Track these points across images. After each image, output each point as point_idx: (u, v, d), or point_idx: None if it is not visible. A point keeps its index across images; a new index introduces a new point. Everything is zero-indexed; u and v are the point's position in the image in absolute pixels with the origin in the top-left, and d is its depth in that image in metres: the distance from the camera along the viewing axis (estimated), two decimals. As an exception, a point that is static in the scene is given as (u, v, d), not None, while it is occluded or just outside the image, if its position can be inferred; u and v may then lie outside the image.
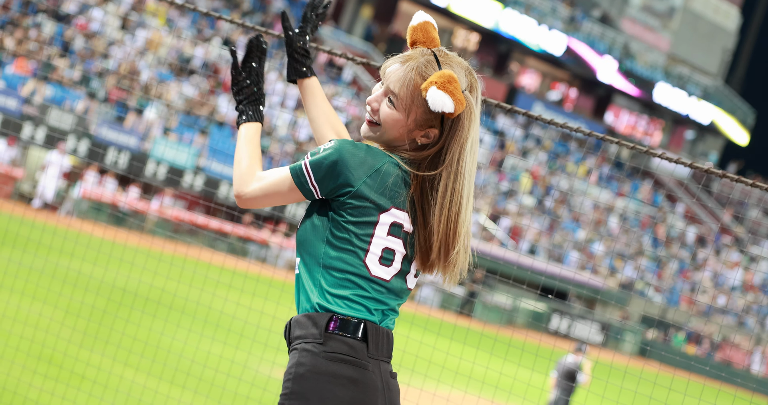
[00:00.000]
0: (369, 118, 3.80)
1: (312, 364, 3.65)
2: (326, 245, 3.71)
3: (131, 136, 31.82)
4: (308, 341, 3.68)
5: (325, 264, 3.71)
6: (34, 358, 11.25)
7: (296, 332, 3.72)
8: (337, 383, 3.64)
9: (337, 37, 47.95)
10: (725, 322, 47.23)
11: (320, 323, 3.69)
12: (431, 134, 3.77)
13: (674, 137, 64.43)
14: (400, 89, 3.74)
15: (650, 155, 6.17)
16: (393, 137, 3.77)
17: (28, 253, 15.64)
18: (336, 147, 3.69)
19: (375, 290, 3.73)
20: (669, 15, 63.25)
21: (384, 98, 3.77)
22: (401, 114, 3.73)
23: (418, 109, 3.73)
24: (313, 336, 3.68)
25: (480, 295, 36.53)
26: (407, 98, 3.73)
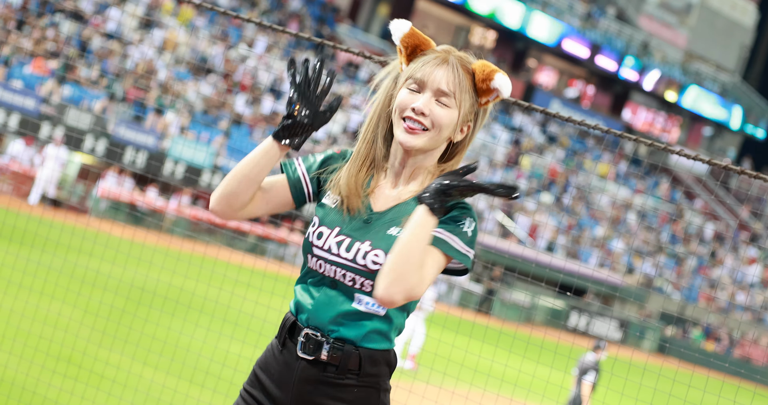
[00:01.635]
0: (416, 127, 3.70)
1: (385, 401, 3.77)
2: None
3: (149, 136, 31.87)
4: (384, 381, 3.75)
5: (410, 308, 3.79)
6: (54, 357, 11.28)
7: (371, 369, 3.70)
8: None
9: (354, 35, 47.95)
10: (744, 319, 47.11)
11: (392, 363, 3.77)
12: (467, 128, 3.80)
13: (692, 134, 64.27)
14: (453, 87, 3.72)
15: (669, 152, 6.16)
16: (444, 138, 3.75)
17: (47, 253, 15.68)
18: (475, 218, 3.69)
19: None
20: (686, 11, 63.09)
21: (432, 100, 3.71)
22: (455, 111, 3.73)
23: (466, 103, 3.74)
24: (386, 374, 3.75)
25: (498, 292, 36.49)
26: (461, 95, 3.72)
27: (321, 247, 3.73)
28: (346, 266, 3.67)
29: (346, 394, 3.68)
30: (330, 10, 48.36)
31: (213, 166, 32.75)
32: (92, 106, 31.67)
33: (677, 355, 35.39)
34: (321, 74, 3.82)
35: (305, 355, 3.70)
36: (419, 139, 3.71)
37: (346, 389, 3.68)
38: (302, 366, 3.72)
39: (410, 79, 3.75)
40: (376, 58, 6.50)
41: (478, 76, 3.73)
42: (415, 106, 3.71)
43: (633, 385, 11.66)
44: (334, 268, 3.70)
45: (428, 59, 3.76)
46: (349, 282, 3.67)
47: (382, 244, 3.66)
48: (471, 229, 3.64)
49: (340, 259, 3.69)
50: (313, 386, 3.70)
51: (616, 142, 55.22)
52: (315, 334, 3.70)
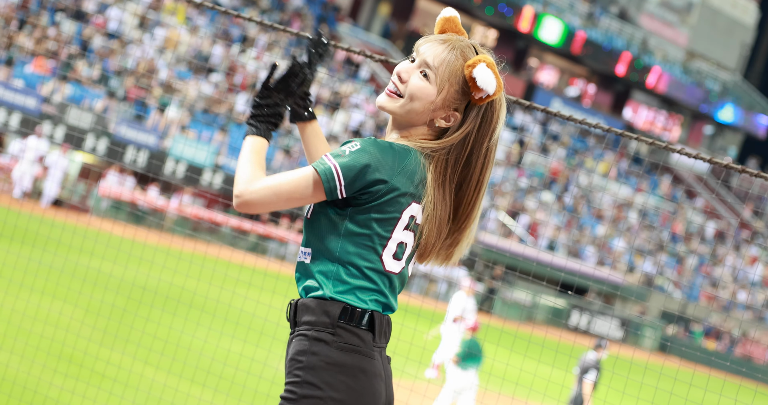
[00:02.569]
0: (392, 90, 3.76)
1: (325, 354, 3.65)
2: (343, 240, 3.69)
3: (150, 135, 31.87)
4: (319, 330, 3.67)
5: (342, 258, 3.70)
6: (55, 356, 11.28)
7: (305, 317, 3.70)
8: (348, 374, 3.65)
9: (355, 34, 47.95)
10: (745, 318, 47.11)
11: (332, 313, 3.68)
12: (453, 118, 3.76)
13: (693, 132, 64.26)
14: (439, 64, 3.73)
15: (670, 151, 6.16)
16: (414, 112, 3.74)
17: (48, 252, 15.69)
18: (364, 148, 3.65)
19: (385, 283, 3.75)
20: (687, 10, 63.08)
21: (416, 70, 3.74)
22: (433, 88, 3.72)
23: (452, 87, 3.73)
24: (324, 325, 3.67)
25: (499, 291, 36.50)
26: (444, 73, 3.72)
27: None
28: None
29: (290, 347, 3.73)
30: (331, 9, 48.36)
31: (214, 165, 32.75)
32: (93, 105, 31.67)
33: (678, 354, 35.39)
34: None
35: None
36: (389, 102, 3.77)
37: (291, 342, 3.74)
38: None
39: (414, 51, 3.81)
40: (377, 56, 6.50)
41: (466, 64, 3.72)
42: (398, 69, 3.78)
43: (634, 384, 11.67)
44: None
45: (436, 36, 3.82)
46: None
47: None
48: (352, 149, 3.66)
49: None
50: (287, 349, 3.78)
51: (617, 140, 55.22)
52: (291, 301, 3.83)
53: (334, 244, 3.69)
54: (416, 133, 3.79)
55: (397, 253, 3.74)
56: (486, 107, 3.78)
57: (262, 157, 3.77)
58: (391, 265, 3.74)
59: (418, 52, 3.78)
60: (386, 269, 3.73)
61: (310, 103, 4.08)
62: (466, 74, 3.71)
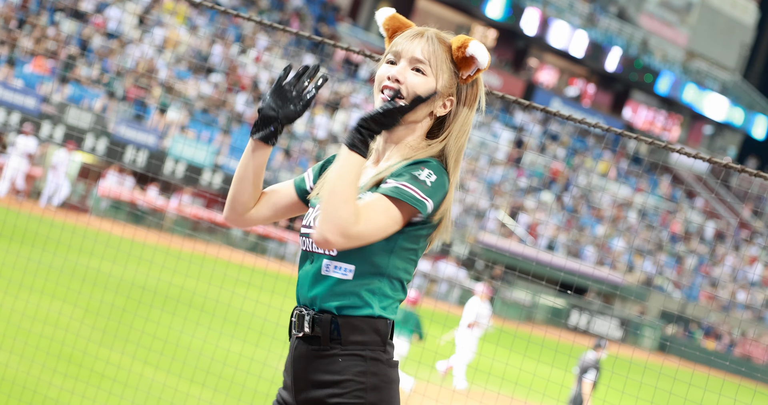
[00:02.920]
0: (390, 95, 3.72)
1: (383, 373, 3.67)
2: (394, 256, 3.67)
3: (149, 135, 31.87)
4: (374, 349, 3.67)
5: (390, 274, 3.69)
6: (54, 356, 11.28)
7: (354, 337, 3.66)
8: (396, 388, 3.72)
9: (354, 34, 47.96)
10: (745, 317, 47.11)
11: (383, 331, 3.69)
12: (450, 102, 3.78)
13: (692, 132, 64.26)
14: (429, 55, 3.74)
15: (669, 150, 6.15)
16: (419, 110, 3.74)
17: (48, 252, 15.68)
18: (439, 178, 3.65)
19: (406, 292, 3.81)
20: (687, 10, 63.08)
21: (408, 68, 3.74)
22: (432, 79, 3.73)
23: (444, 73, 3.74)
24: (377, 343, 3.68)
25: (499, 291, 36.50)
26: (436, 62, 3.74)
27: (304, 224, 3.81)
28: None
29: (334, 366, 3.67)
30: (330, 9, 48.37)
31: (213, 165, 32.75)
32: (93, 105, 31.67)
33: (678, 354, 35.39)
34: (304, 76, 3.84)
35: (296, 332, 3.75)
36: None
37: (332, 360, 3.67)
38: (296, 345, 3.76)
39: (389, 54, 3.80)
40: (376, 56, 6.50)
41: (454, 46, 3.74)
42: (390, 73, 3.75)
43: (634, 384, 11.67)
44: (309, 240, 3.76)
45: (405, 34, 3.82)
46: (318, 249, 3.71)
47: None
48: (431, 179, 3.61)
49: (312, 230, 3.73)
50: (306, 362, 3.72)
51: (617, 140, 55.22)
52: (301, 310, 3.75)
53: (384, 260, 3.67)
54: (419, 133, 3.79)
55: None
56: (472, 85, 3.81)
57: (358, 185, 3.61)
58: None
59: (396, 53, 3.78)
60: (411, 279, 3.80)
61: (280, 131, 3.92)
62: (457, 55, 3.73)
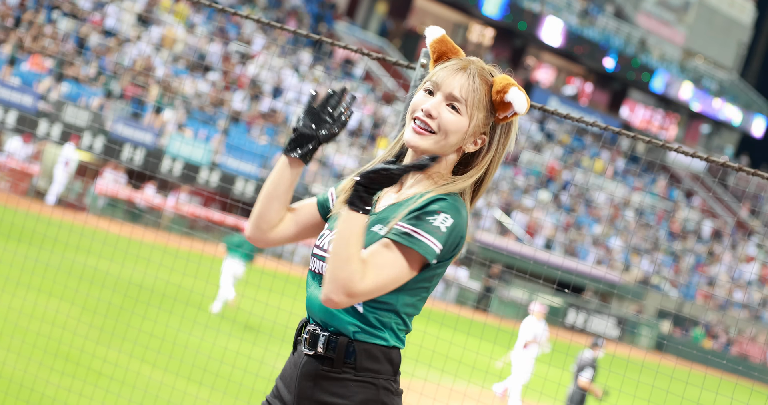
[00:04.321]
0: (422, 127, 3.68)
1: (392, 403, 3.69)
2: (403, 293, 3.65)
3: (147, 133, 31.86)
4: (386, 379, 3.68)
5: (400, 310, 3.67)
6: (51, 354, 11.28)
7: (368, 364, 3.65)
8: None
9: (352, 32, 47.95)
10: (741, 316, 47.15)
11: (395, 362, 3.70)
12: (481, 140, 3.75)
13: (690, 131, 64.29)
14: (467, 94, 3.70)
15: (666, 149, 6.16)
16: (449, 146, 3.70)
17: (45, 250, 15.69)
18: (456, 221, 3.59)
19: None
20: (684, 9, 63.10)
21: (443, 104, 3.70)
22: (465, 119, 3.69)
23: (479, 113, 3.71)
24: (389, 373, 3.69)
25: (496, 289, 36.50)
26: (473, 102, 3.70)
27: (317, 245, 3.78)
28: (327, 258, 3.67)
29: (344, 390, 3.65)
30: (328, 8, 48.36)
31: (211, 164, 32.74)
32: (90, 103, 31.66)
33: (675, 353, 35.41)
34: (334, 98, 3.82)
35: (306, 350, 3.71)
36: (424, 141, 3.69)
37: (343, 384, 3.65)
38: (304, 362, 3.72)
39: (428, 82, 3.75)
40: (374, 55, 6.50)
41: (495, 88, 3.70)
42: (425, 107, 3.69)
43: (631, 382, 11.68)
44: (321, 263, 3.73)
45: (449, 64, 3.76)
46: None
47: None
48: (446, 224, 3.57)
49: (326, 254, 3.70)
50: (312, 382, 3.69)
51: (614, 139, 55.24)
52: (315, 328, 3.72)
53: (393, 297, 3.65)
54: (444, 166, 3.76)
55: None
56: (507, 124, 3.79)
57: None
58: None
59: (436, 84, 3.73)
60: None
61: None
62: (496, 98, 3.70)
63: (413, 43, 51.33)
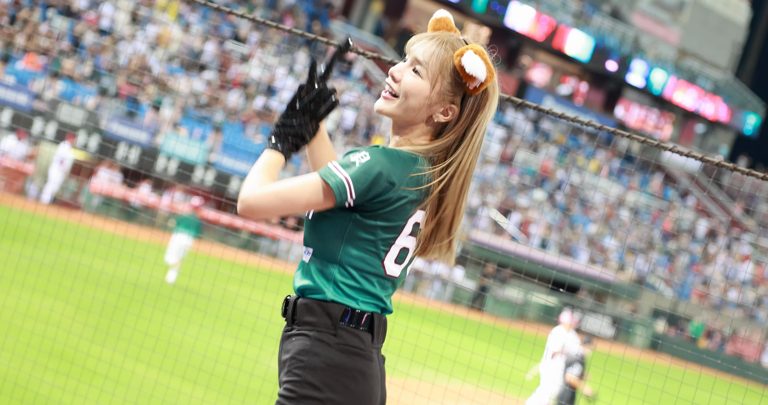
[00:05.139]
0: (388, 91, 3.76)
1: (326, 355, 3.68)
2: (346, 244, 3.70)
3: (142, 132, 31.83)
4: (321, 331, 3.69)
5: (343, 261, 3.71)
6: (46, 353, 11.27)
7: (305, 317, 3.71)
8: (348, 376, 3.67)
9: (347, 31, 47.94)
10: (736, 316, 47.18)
11: (334, 314, 3.70)
12: (451, 111, 3.76)
13: (684, 131, 64.32)
14: (429, 58, 3.74)
15: (661, 149, 6.16)
16: (411, 109, 3.74)
17: (39, 249, 15.67)
18: (374, 157, 3.64)
19: (384, 286, 3.77)
20: (679, 9, 63.13)
21: (409, 68, 3.76)
22: (426, 83, 3.73)
23: (444, 79, 3.74)
24: (326, 326, 3.70)
25: (491, 289, 36.51)
26: (435, 67, 3.73)
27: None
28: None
29: (289, 345, 3.74)
30: (323, 7, 48.35)
31: (206, 163, 32.72)
32: (85, 101, 31.62)
33: (670, 352, 35.43)
34: (316, 78, 3.87)
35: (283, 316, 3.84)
36: (387, 105, 3.76)
37: (289, 339, 3.75)
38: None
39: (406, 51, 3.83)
40: (369, 54, 6.50)
41: (455, 54, 3.73)
42: (391, 70, 3.78)
43: (626, 382, 11.69)
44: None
45: (425, 34, 3.83)
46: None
47: None
48: (361, 161, 3.63)
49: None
50: (281, 344, 3.79)
51: (609, 138, 55.27)
52: (288, 297, 3.83)
53: (336, 246, 3.70)
54: (417, 134, 3.79)
55: (399, 257, 3.76)
56: (480, 96, 3.79)
57: (275, 172, 3.72)
58: (391, 270, 3.76)
59: (409, 51, 3.79)
60: (387, 273, 3.75)
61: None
62: (455, 64, 3.72)
63: (408, 43, 51.27)
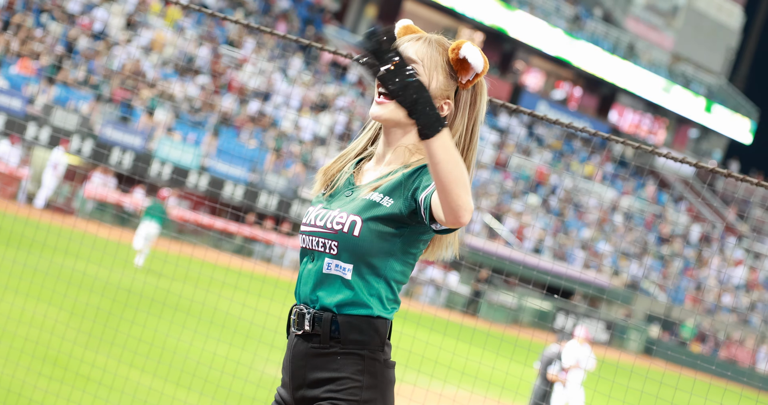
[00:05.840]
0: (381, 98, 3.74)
1: (381, 373, 3.72)
2: (392, 259, 3.72)
3: (136, 136, 31.80)
4: (373, 350, 3.72)
5: (389, 276, 3.74)
6: (39, 359, 11.24)
7: (353, 336, 3.70)
8: (392, 388, 3.76)
9: (341, 36, 47.94)
10: (730, 321, 47.21)
11: (382, 332, 3.73)
12: (447, 106, 3.78)
13: (678, 136, 64.38)
14: (422, 55, 3.77)
15: (656, 155, 6.15)
16: None
17: (33, 254, 15.64)
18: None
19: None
20: (673, 13, 63.20)
21: None
22: (424, 79, 3.74)
23: (439, 75, 3.75)
24: (376, 344, 3.72)
25: (485, 294, 36.50)
26: (430, 63, 3.76)
27: (305, 222, 3.86)
28: (317, 233, 3.78)
29: (333, 364, 3.71)
30: (317, 11, 48.35)
31: (200, 167, 32.69)
32: (79, 106, 31.59)
33: (664, 357, 35.44)
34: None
35: (295, 330, 3.79)
36: (384, 109, 3.74)
37: (331, 358, 3.72)
38: (295, 343, 3.80)
39: None
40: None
41: (451, 48, 3.75)
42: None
43: (620, 387, 11.67)
44: (310, 238, 3.80)
45: (408, 37, 3.87)
46: (321, 247, 3.76)
47: (348, 207, 3.76)
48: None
49: (314, 228, 3.79)
50: (304, 360, 3.76)
51: (603, 143, 55.30)
52: (301, 308, 3.79)
53: (382, 262, 3.72)
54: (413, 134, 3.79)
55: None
56: (472, 90, 3.81)
57: None
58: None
59: None
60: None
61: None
62: (452, 57, 3.75)
63: (402, 47, 51.31)
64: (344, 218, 3.71)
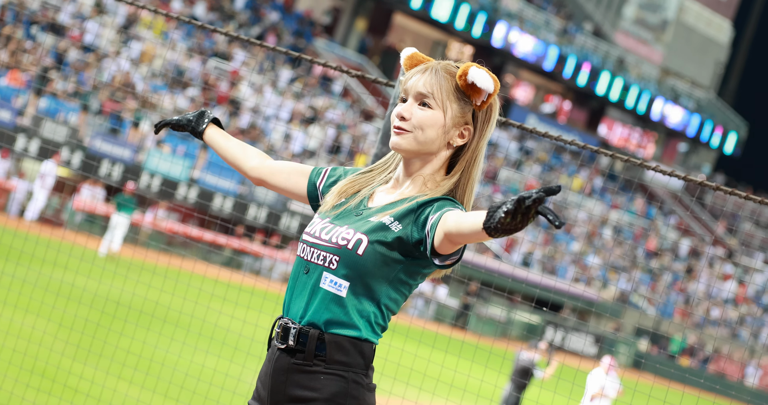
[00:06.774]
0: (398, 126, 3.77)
1: (362, 396, 3.71)
2: (388, 286, 3.73)
3: (125, 148, 31.78)
4: (356, 372, 3.71)
5: (381, 302, 3.74)
6: (27, 371, 11.21)
7: (337, 356, 3.69)
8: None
9: (331, 49, 47.98)
10: (719, 334, 47.25)
11: (367, 355, 3.73)
12: (467, 131, 3.80)
13: (667, 149, 64.51)
14: (431, 87, 3.76)
15: (645, 168, 6.17)
16: (429, 141, 3.76)
17: (21, 266, 15.61)
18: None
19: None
20: (662, 28, 63.37)
21: (415, 104, 3.78)
22: (438, 112, 3.75)
23: (453, 104, 3.77)
24: (360, 367, 3.71)
25: (474, 307, 36.49)
26: (441, 95, 3.76)
27: (308, 233, 3.84)
28: (320, 246, 3.77)
29: (315, 382, 3.69)
30: (307, 25, 48.39)
31: (189, 180, 32.67)
32: (68, 118, 31.56)
33: (653, 371, 35.44)
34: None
35: (278, 343, 3.77)
36: (403, 140, 3.76)
37: (314, 376, 3.70)
38: (277, 356, 3.78)
39: (401, 93, 3.84)
40: (353, 72, 6.50)
41: (458, 75, 3.76)
42: (396, 111, 3.78)
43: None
44: (311, 249, 3.79)
45: (414, 70, 3.85)
46: (321, 261, 3.75)
47: (357, 225, 3.76)
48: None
49: (318, 241, 3.78)
50: (285, 375, 3.74)
51: (593, 157, 55.38)
52: (287, 322, 3.77)
53: (379, 286, 3.72)
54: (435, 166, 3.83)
55: None
56: (487, 110, 3.83)
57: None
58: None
59: (405, 91, 3.82)
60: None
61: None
62: (461, 83, 3.75)
63: (392, 61, 51.39)
64: (351, 235, 3.72)
